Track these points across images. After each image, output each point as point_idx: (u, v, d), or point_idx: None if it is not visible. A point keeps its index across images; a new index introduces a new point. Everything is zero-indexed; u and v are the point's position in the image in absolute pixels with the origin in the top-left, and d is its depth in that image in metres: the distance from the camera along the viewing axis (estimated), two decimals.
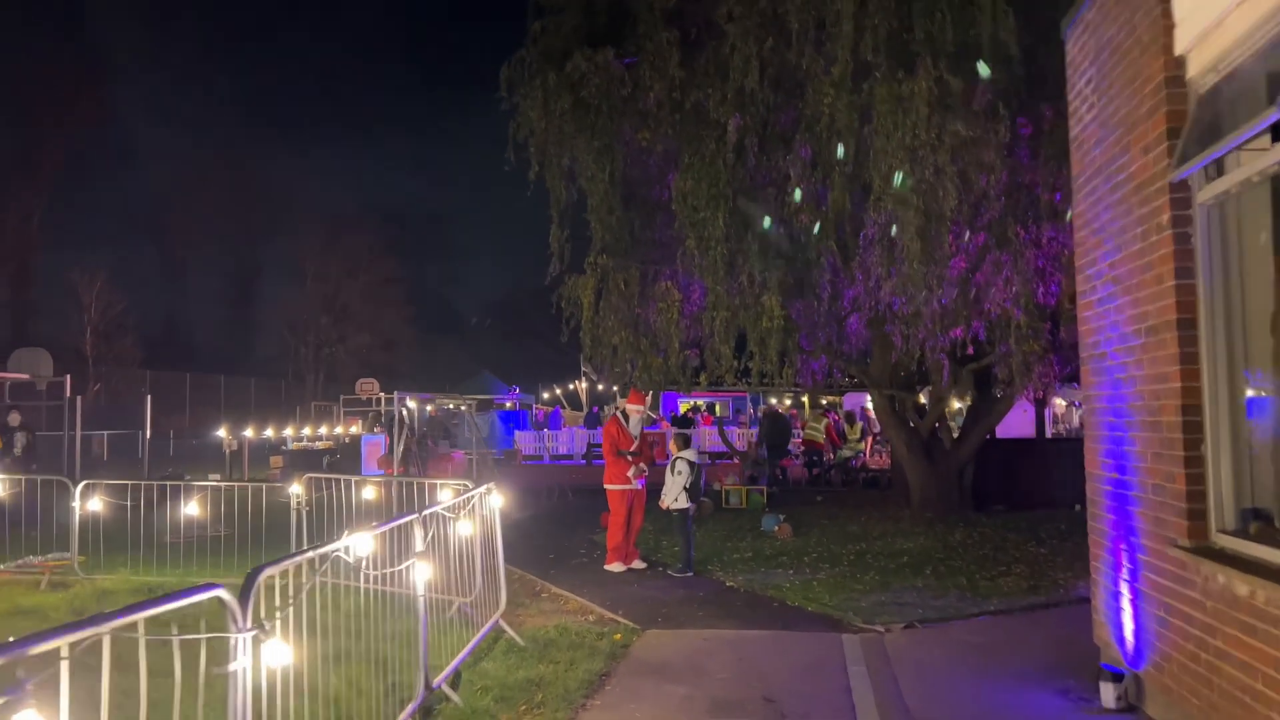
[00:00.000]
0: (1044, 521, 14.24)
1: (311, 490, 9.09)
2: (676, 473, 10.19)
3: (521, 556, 11.44)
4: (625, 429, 10.31)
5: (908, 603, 8.60)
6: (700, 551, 11.47)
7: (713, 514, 15.65)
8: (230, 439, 24.43)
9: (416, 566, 5.73)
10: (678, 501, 10.16)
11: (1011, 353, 11.35)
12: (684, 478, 10.14)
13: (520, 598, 8.96)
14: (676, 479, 10.16)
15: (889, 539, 12.63)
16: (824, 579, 9.75)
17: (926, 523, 14.20)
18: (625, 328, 13.84)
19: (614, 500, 10.22)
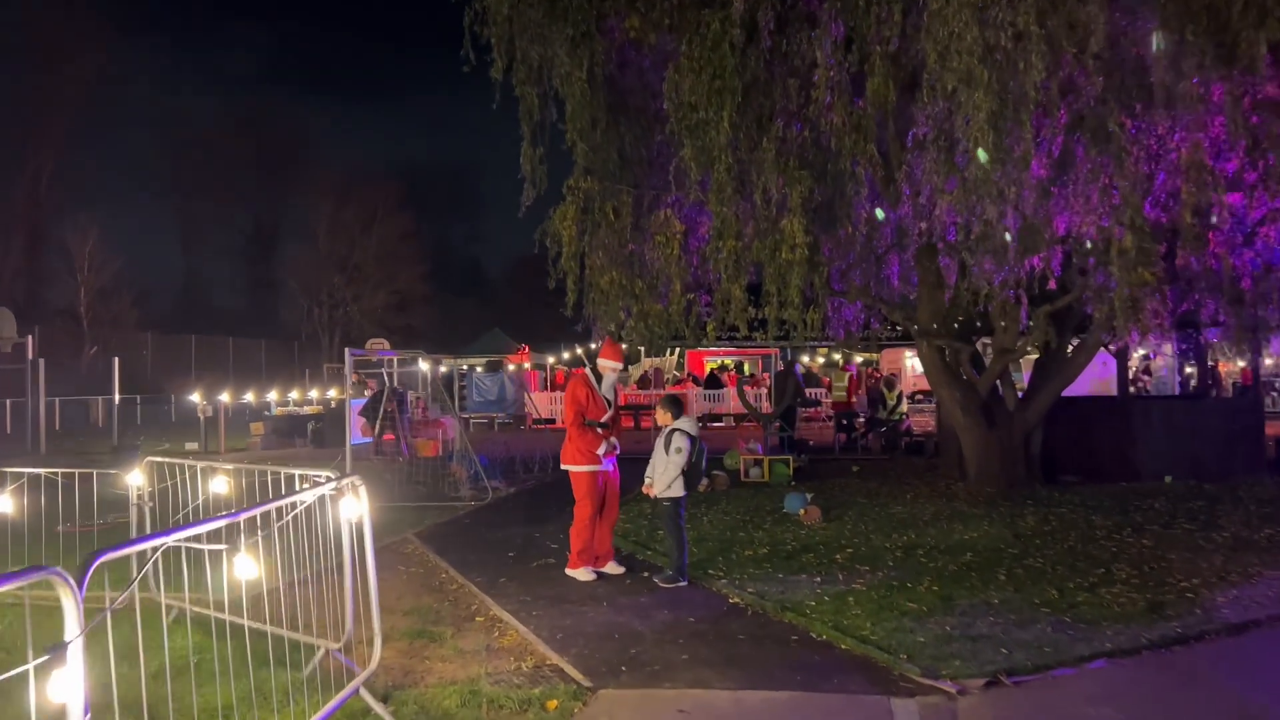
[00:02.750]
0: (1133, 499, 11.60)
1: (155, 479, 6.68)
2: (675, 450, 7.43)
3: (476, 553, 9.02)
4: (596, 392, 7.77)
5: (982, 634, 6.05)
6: (703, 545, 8.97)
7: (729, 489, 13.15)
8: (205, 404, 22.26)
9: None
10: (670, 489, 7.52)
11: (1112, 285, 8.63)
12: (682, 457, 7.42)
13: (442, 625, 6.52)
14: (674, 459, 7.41)
15: (943, 526, 10.05)
16: (862, 591, 7.21)
17: (987, 502, 11.60)
18: (616, 267, 11.30)
19: (580, 486, 7.73)
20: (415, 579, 8.04)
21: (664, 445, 7.47)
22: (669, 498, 7.49)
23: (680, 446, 7.36)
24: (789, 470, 14.10)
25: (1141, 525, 9.87)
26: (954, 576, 7.70)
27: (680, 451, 7.36)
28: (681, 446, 7.36)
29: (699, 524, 10.35)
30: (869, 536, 9.49)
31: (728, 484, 13.33)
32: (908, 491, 12.69)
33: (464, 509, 11.95)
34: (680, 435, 7.40)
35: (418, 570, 8.40)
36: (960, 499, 11.94)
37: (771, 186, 9.32)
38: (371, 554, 5.06)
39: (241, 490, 6.34)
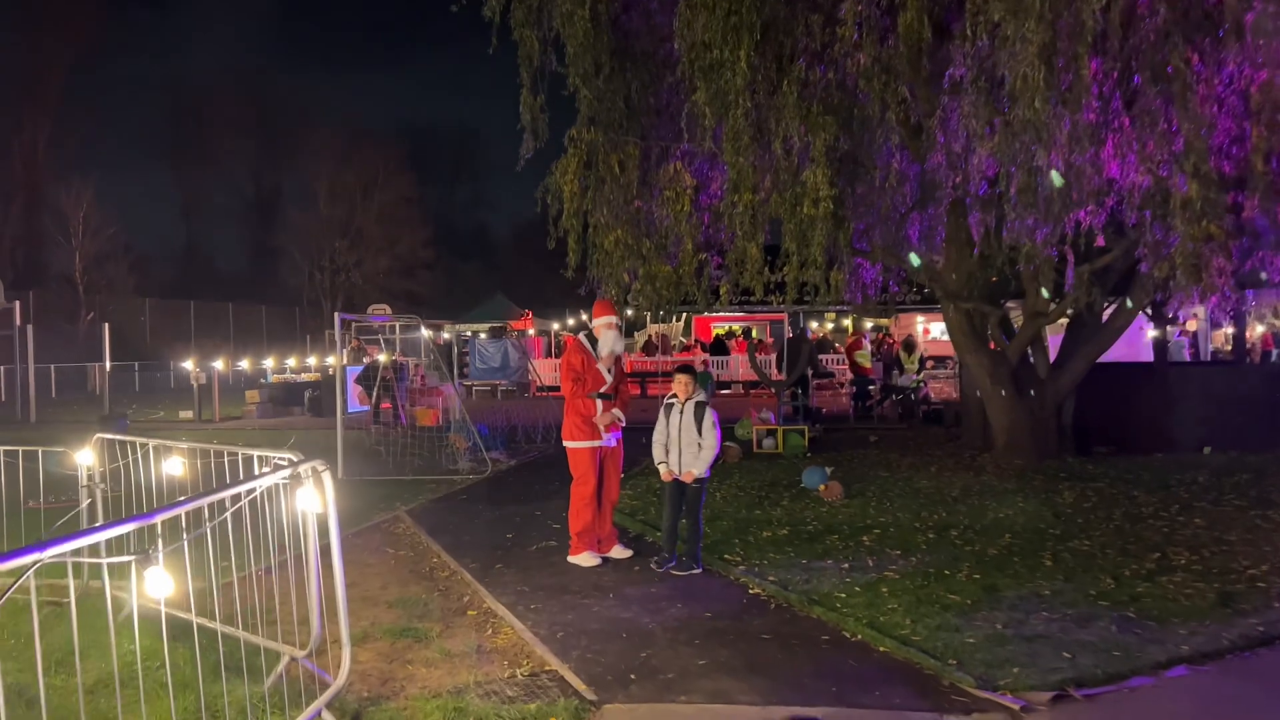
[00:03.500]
0: (1173, 472, 10.87)
1: (105, 458, 5.98)
2: (710, 426, 6.61)
3: (471, 534, 8.33)
4: (593, 359, 7.01)
5: (1038, 633, 5.34)
6: (717, 525, 8.28)
7: (741, 461, 12.45)
8: (198, 371, 21.59)
9: None
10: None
11: (1171, 241, 7.82)
12: (718, 434, 6.64)
13: (429, 620, 5.83)
14: (709, 438, 6.59)
15: (975, 502, 9.33)
16: (896, 580, 6.51)
17: (1018, 475, 10.87)
18: (621, 225, 10.51)
19: (578, 463, 7.01)
20: (403, 564, 7.36)
21: (695, 422, 6.61)
22: (700, 480, 6.77)
23: (714, 423, 6.63)
24: (804, 441, 13.39)
25: (1189, 502, 9.14)
26: (995, 562, 6.99)
27: (714, 428, 6.60)
28: (714, 423, 6.64)
29: (711, 500, 9.65)
30: (896, 515, 8.78)
31: (740, 456, 12.62)
32: (931, 464, 11.97)
33: (461, 483, 11.27)
34: (711, 411, 6.65)
35: (407, 554, 7.71)
36: (988, 472, 11.23)
37: (793, 134, 8.50)
38: (338, 549, 4.36)
39: (198, 472, 5.63)
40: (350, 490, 10.89)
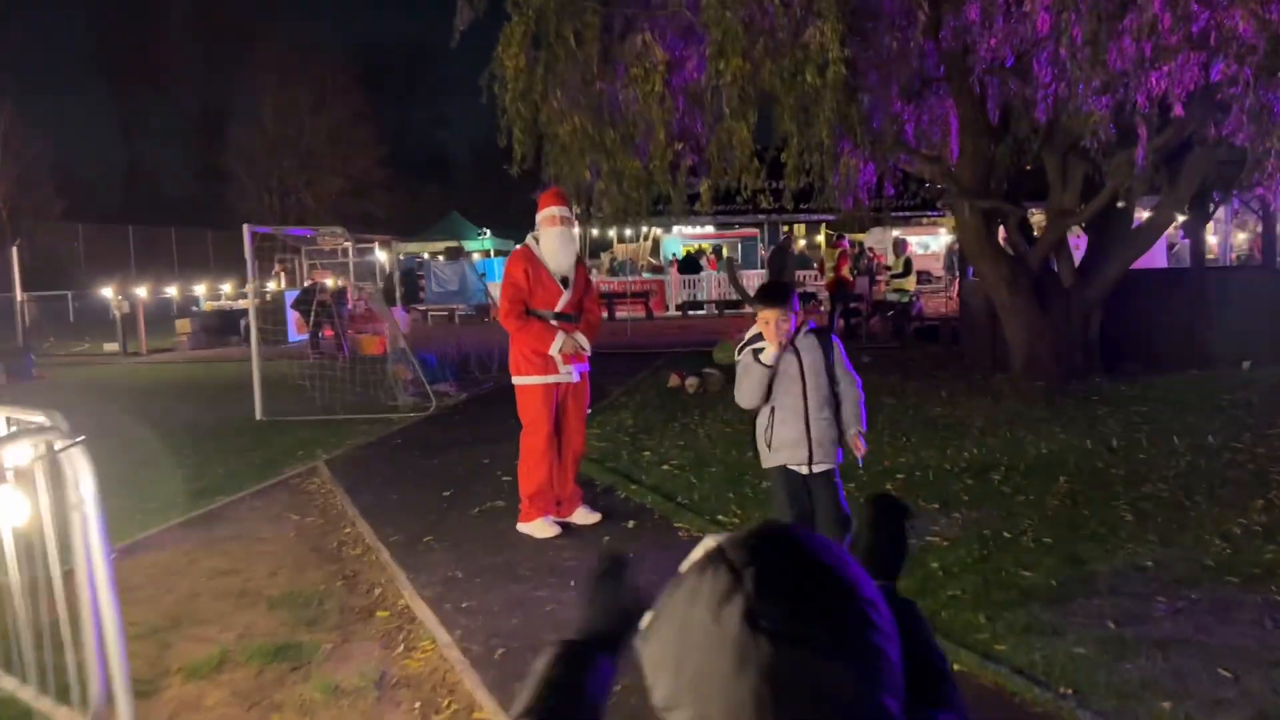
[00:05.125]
0: (1220, 392, 9.45)
1: None
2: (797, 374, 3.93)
3: (401, 491, 6.71)
4: (542, 268, 5.31)
5: (1170, 635, 3.84)
6: (706, 474, 6.72)
7: (722, 390, 10.87)
8: (120, 299, 19.58)
9: None
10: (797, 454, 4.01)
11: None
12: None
13: (320, 629, 4.22)
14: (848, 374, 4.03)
15: (1006, 433, 7.84)
16: (946, 549, 4.98)
17: (1045, 400, 9.39)
18: (580, 111, 8.71)
19: (527, 406, 5.37)
20: (306, 537, 5.73)
21: (823, 365, 3.91)
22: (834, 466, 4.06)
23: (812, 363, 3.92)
24: None
25: (1260, 429, 7.70)
26: (1063, 518, 5.48)
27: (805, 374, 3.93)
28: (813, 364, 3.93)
29: (694, 439, 8.09)
30: (919, 454, 7.26)
31: (721, 383, 11.03)
32: (939, 388, 10.46)
33: (400, 423, 9.62)
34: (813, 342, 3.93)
35: (314, 521, 6.08)
36: (1008, 396, 9.74)
37: None
38: (104, 566, 2.70)
39: None
40: (267, 435, 9.23)
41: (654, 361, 14.03)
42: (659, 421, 8.99)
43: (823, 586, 0.72)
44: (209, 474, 7.51)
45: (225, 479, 7.31)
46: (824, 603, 0.71)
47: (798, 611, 0.69)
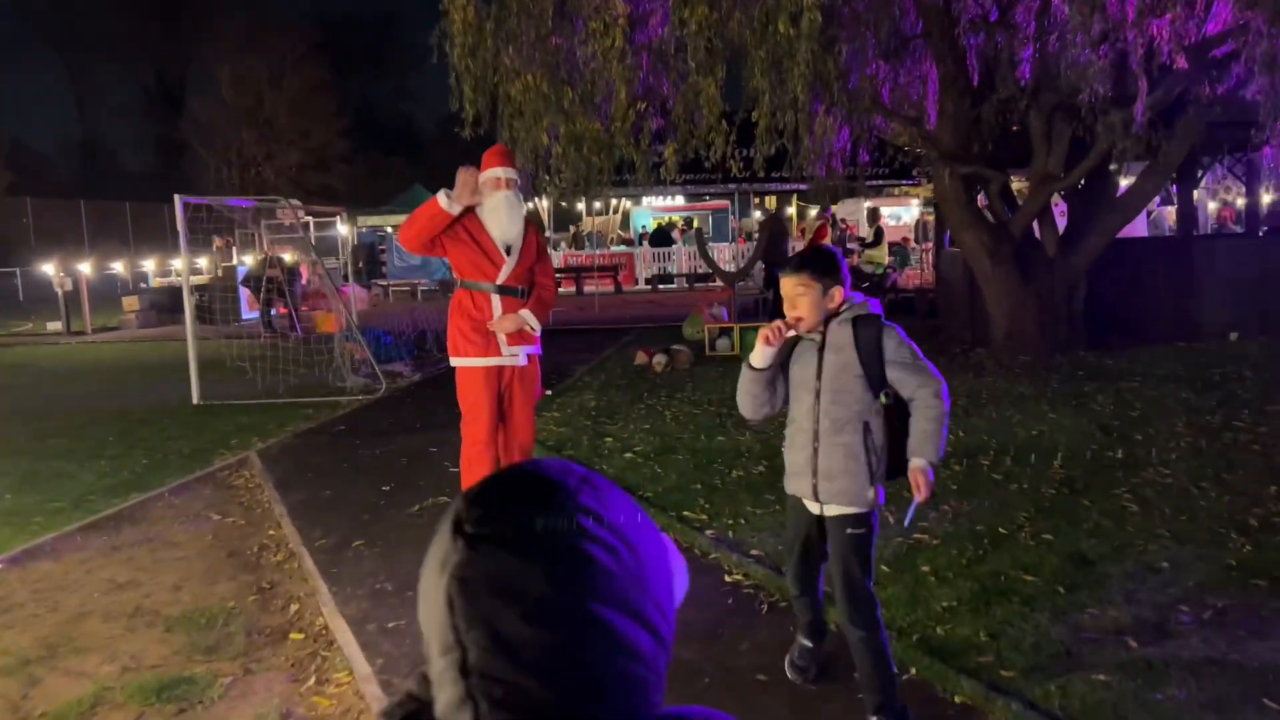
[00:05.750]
0: (1211, 366, 9.04)
1: None
2: (914, 361, 2.89)
3: (336, 484, 6.10)
4: (483, 230, 4.66)
5: (1204, 655, 3.34)
6: (671, 461, 6.18)
7: (692, 367, 10.33)
8: (61, 276, 18.68)
9: None
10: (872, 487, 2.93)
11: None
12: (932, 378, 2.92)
13: (222, 655, 3.63)
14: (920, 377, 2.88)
15: (993, 413, 7.35)
16: (937, 548, 4.46)
17: (1029, 374, 8.94)
18: (535, 68, 8.03)
19: (466, 391, 4.75)
20: (224, 541, 5.12)
21: (861, 366, 2.86)
22: (869, 510, 2.92)
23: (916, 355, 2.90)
24: None
25: (1259, 406, 7.26)
26: (1061, 509, 4.99)
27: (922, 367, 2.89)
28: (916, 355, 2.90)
29: (661, 422, 7.54)
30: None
31: (690, 360, 10.49)
32: None
33: (347, 406, 8.98)
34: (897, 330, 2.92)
35: (236, 522, 5.46)
36: (991, 371, 9.27)
37: None
38: None
39: None
40: (201, 420, 8.57)
41: (622, 338, 13.46)
42: (624, 403, 8.43)
43: (531, 495, 0.71)
44: (129, 466, 6.86)
45: (146, 471, 6.66)
46: (528, 509, 0.70)
47: (496, 515, 0.70)
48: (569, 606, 0.67)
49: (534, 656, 0.66)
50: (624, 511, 0.74)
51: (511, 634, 0.66)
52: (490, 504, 0.71)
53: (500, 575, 0.67)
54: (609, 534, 0.71)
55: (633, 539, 0.73)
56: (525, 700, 0.66)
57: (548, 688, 0.66)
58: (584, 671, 0.68)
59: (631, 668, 0.69)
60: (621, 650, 0.69)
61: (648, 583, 0.72)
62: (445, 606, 0.67)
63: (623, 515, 0.74)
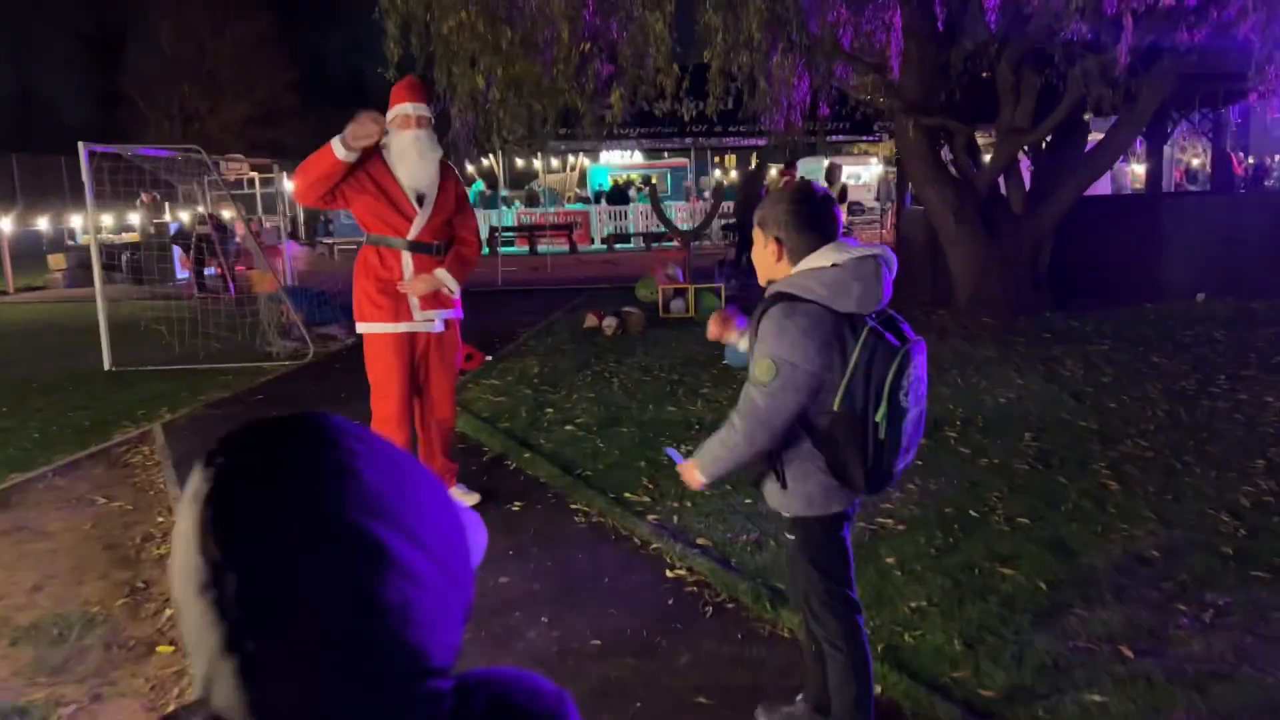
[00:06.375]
0: (1180, 327, 8.75)
1: None
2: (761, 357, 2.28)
3: None
4: (389, 175, 4.07)
5: (1215, 670, 2.91)
6: (616, 435, 5.67)
7: (645, 332, 9.80)
8: None
9: None
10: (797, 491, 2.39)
11: None
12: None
13: (65, 680, 3.07)
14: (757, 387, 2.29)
15: (959, 379, 6.93)
16: (902, 536, 4.01)
17: (994, 337, 8.53)
18: (468, 5, 7.34)
19: (374, 361, 4.19)
20: (104, 530, 4.53)
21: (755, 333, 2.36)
22: (799, 516, 2.42)
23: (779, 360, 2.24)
24: (720, 301, 10.76)
25: (1233, 371, 6.91)
26: (1036, 488, 4.56)
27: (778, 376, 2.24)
28: (783, 361, 2.23)
29: (607, 391, 7.01)
30: None
31: (644, 324, 9.95)
32: None
33: (272, 372, 8.36)
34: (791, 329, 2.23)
35: (122, 507, 4.87)
36: (954, 334, 8.85)
37: None
38: None
39: None
40: (110, 389, 7.90)
41: (573, 299, 12.88)
42: (569, 369, 7.88)
43: (289, 424, 0.68)
44: (16, 441, 6.21)
45: (34, 447, 6.02)
46: (284, 433, 0.67)
47: (250, 440, 0.67)
48: (337, 520, 0.64)
49: (299, 575, 0.62)
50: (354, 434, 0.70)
51: (272, 552, 0.62)
52: (244, 434, 0.67)
53: (258, 492, 0.64)
54: (372, 451, 0.68)
55: (405, 465, 0.71)
56: (295, 630, 0.61)
57: (318, 610, 0.62)
58: (355, 589, 0.63)
59: (410, 591, 0.65)
60: (395, 568, 0.64)
61: (426, 507, 0.70)
62: (198, 539, 0.62)
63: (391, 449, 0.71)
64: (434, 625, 0.67)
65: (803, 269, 2.29)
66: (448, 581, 0.69)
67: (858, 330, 2.25)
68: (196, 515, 0.63)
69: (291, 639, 0.61)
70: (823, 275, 2.25)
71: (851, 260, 2.26)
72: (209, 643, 0.61)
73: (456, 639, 0.70)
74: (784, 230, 2.32)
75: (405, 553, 0.65)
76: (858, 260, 2.27)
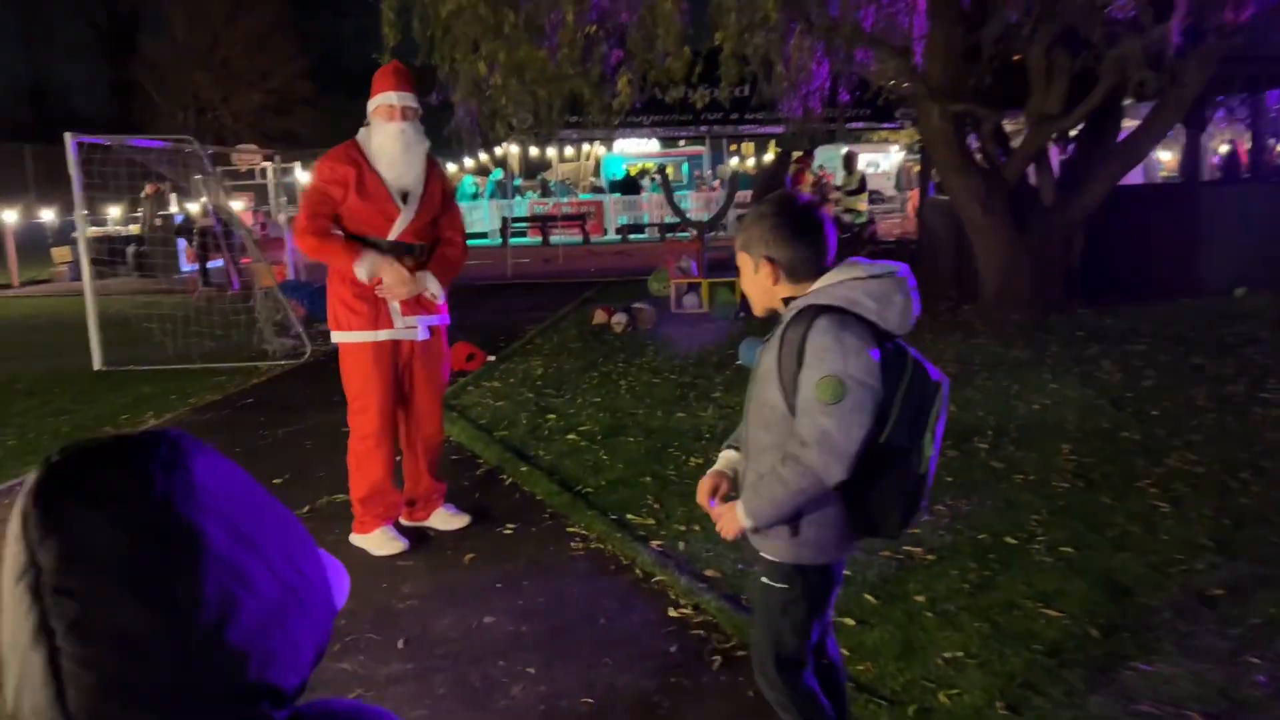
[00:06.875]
0: (1221, 325, 8.27)
1: None
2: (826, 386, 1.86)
3: None
4: (370, 172, 3.70)
5: None
6: (621, 446, 5.28)
7: (655, 327, 9.41)
8: None
9: None
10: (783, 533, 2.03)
11: None
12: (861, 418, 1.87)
13: None
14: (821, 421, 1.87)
15: (988, 383, 6.52)
16: (932, 566, 3.62)
17: (1023, 335, 8.11)
18: None
19: (351, 374, 3.84)
20: None
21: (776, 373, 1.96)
22: (803, 564, 2.04)
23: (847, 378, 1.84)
24: (735, 296, 10.34)
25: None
26: (1078, 509, 4.15)
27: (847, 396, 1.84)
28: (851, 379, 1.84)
29: (614, 395, 6.63)
30: None
31: (654, 320, 9.57)
32: None
33: (267, 373, 8.03)
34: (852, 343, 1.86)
35: None
36: (981, 332, 8.43)
37: None
38: None
39: None
40: (96, 390, 7.60)
41: (583, 293, 12.51)
42: (575, 370, 7.52)
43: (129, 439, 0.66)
44: None
45: (6, 457, 5.71)
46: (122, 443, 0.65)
47: (81, 444, 0.65)
48: (162, 508, 0.62)
49: (119, 562, 0.60)
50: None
51: (92, 538, 0.60)
52: (86, 440, 0.66)
53: (84, 481, 0.62)
54: (216, 461, 0.68)
55: (251, 483, 0.71)
56: (109, 617, 0.59)
57: (136, 599, 0.59)
58: (180, 583, 0.61)
59: (237, 590, 0.63)
60: (220, 563, 0.63)
61: (267, 522, 0.69)
62: (19, 526, 0.61)
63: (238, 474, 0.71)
64: (263, 634, 0.64)
65: (832, 281, 1.94)
66: (286, 594, 0.67)
67: (902, 354, 1.91)
68: (21, 505, 0.61)
69: (104, 626, 0.59)
70: (867, 285, 1.90)
71: (886, 273, 1.92)
72: (22, 641, 0.59)
73: (301, 663, 0.67)
74: (773, 246, 1.99)
75: (233, 552, 0.64)
76: (891, 274, 1.92)
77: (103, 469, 0.63)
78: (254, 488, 0.71)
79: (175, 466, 0.64)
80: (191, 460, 0.66)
